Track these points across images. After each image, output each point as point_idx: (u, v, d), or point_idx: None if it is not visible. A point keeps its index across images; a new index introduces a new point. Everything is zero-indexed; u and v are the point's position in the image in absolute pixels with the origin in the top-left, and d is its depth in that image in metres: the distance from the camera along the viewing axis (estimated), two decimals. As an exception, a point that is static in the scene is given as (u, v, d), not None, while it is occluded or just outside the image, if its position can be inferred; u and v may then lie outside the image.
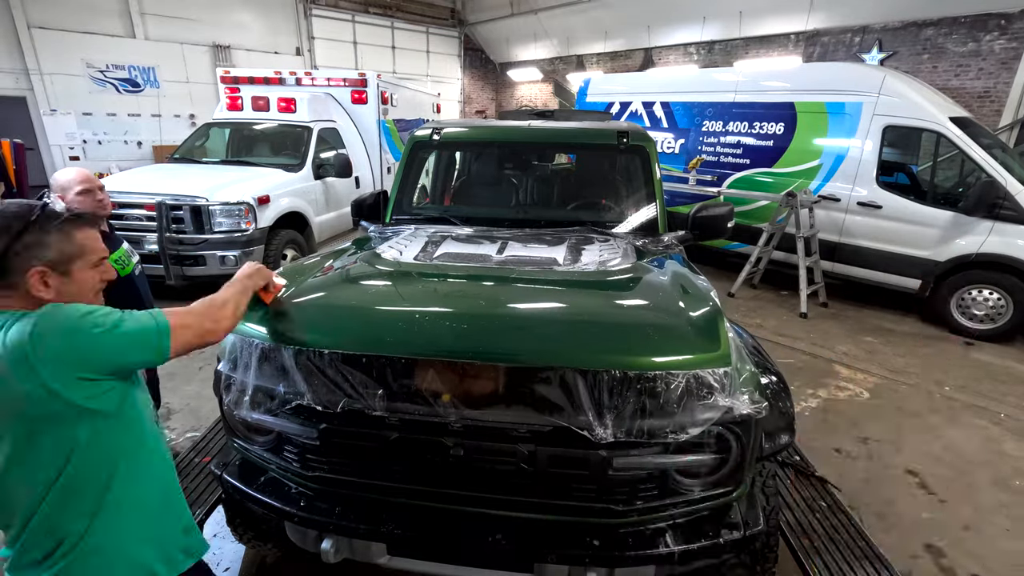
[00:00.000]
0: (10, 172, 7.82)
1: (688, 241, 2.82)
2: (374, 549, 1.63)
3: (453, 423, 1.47)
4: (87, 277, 1.19)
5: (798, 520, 2.26)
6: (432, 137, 3.20)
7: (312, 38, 13.78)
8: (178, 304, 1.34)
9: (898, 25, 8.69)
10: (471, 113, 17.37)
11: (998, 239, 4.88)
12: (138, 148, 11.34)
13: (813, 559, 2.03)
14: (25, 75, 10.09)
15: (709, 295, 1.82)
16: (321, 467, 1.61)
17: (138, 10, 11.06)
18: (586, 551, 1.49)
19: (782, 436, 1.71)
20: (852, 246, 5.83)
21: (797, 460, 2.72)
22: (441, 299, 1.88)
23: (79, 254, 1.16)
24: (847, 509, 2.36)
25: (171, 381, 3.97)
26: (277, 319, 1.64)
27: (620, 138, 3.01)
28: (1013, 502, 2.88)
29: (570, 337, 1.56)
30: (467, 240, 2.49)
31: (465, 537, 1.55)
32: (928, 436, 3.48)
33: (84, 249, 1.18)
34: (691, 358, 1.45)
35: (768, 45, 10.57)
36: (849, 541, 2.15)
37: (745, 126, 6.64)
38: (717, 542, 1.52)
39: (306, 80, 7.87)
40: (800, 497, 2.43)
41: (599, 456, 1.42)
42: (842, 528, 2.23)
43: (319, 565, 1.70)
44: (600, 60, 14.10)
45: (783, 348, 4.82)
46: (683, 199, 6.96)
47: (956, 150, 5.16)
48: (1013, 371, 4.51)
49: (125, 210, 5.06)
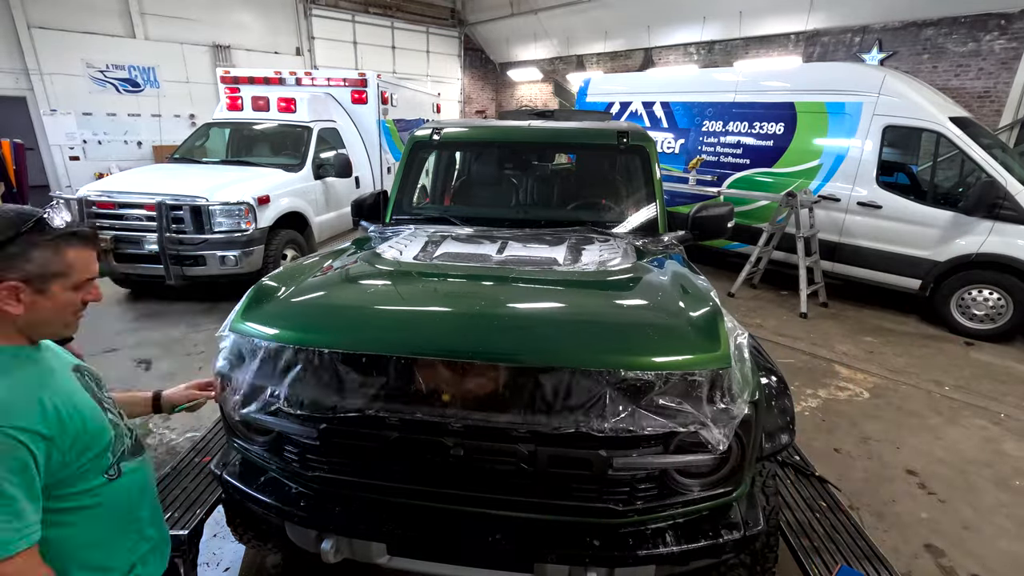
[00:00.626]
0: (10, 172, 7.83)
1: (688, 241, 2.82)
2: (374, 549, 1.63)
3: (453, 423, 1.47)
4: (67, 299, 1.09)
5: (798, 520, 2.26)
6: (432, 137, 3.19)
7: (312, 38, 13.78)
8: (175, 305, 1.33)
9: (898, 25, 8.69)
10: (471, 113, 17.37)
11: (998, 239, 4.88)
12: (138, 148, 11.35)
13: (813, 559, 2.03)
14: (25, 75, 10.09)
15: (709, 295, 1.82)
16: (321, 467, 1.61)
17: (138, 10, 11.06)
18: (586, 551, 1.48)
19: (782, 436, 1.71)
20: (852, 246, 5.83)
21: (797, 460, 2.71)
22: (441, 299, 1.88)
23: (64, 273, 1.07)
24: (847, 509, 2.36)
25: (171, 381, 3.98)
26: (277, 319, 1.64)
27: (620, 138, 3.01)
28: (1013, 502, 2.88)
29: (570, 337, 1.56)
30: (467, 240, 2.49)
31: (465, 537, 1.55)
32: (928, 436, 3.48)
33: (72, 269, 1.08)
34: (691, 358, 1.45)
35: (768, 45, 10.57)
36: (849, 541, 2.15)
37: (745, 126, 6.64)
38: (717, 542, 1.52)
39: (306, 80, 7.87)
40: (800, 497, 2.43)
41: (599, 456, 1.42)
42: (842, 528, 2.23)
43: (319, 565, 1.70)
44: (600, 60, 14.10)
45: (783, 348, 4.82)
46: (683, 199, 6.96)
47: (956, 150, 5.17)
48: (1013, 371, 4.51)
49: (125, 210, 5.06)
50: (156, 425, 3.40)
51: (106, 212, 5.08)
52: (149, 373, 4.09)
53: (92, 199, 5.07)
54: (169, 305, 5.47)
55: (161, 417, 3.48)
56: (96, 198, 5.08)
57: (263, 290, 1.84)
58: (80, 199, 5.05)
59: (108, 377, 4.09)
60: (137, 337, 4.75)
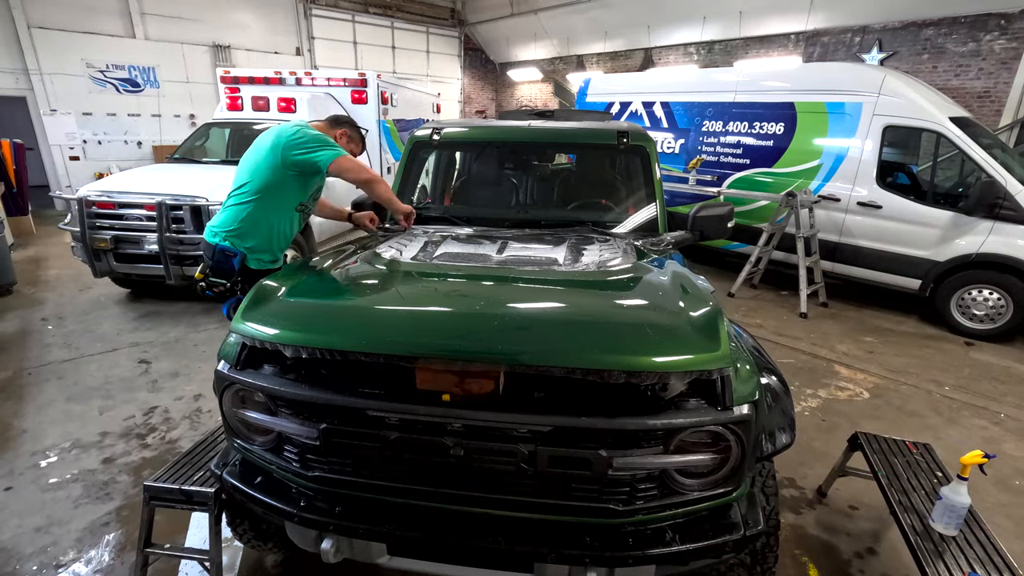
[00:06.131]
0: (10, 172, 7.84)
1: (688, 241, 2.82)
2: (374, 549, 1.63)
3: (453, 423, 1.47)
4: None
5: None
6: (432, 137, 3.19)
7: (312, 38, 13.78)
8: (175, 305, 1.33)
9: (898, 25, 8.70)
10: (471, 113, 17.37)
11: (998, 239, 4.88)
12: (138, 148, 11.35)
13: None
14: (25, 75, 10.09)
15: (709, 295, 1.82)
16: (321, 467, 1.61)
17: (138, 10, 11.07)
18: (586, 551, 1.48)
19: (782, 436, 1.71)
20: (852, 246, 5.83)
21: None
22: (441, 299, 1.88)
23: None
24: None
25: (172, 380, 3.98)
26: (277, 318, 1.64)
27: (620, 138, 3.01)
28: (1013, 502, 2.88)
29: (570, 337, 1.56)
30: (467, 240, 2.49)
31: (465, 537, 1.55)
32: (928, 436, 3.48)
33: None
34: (691, 358, 1.45)
35: (768, 45, 10.58)
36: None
37: (745, 126, 6.64)
38: (717, 542, 1.52)
39: (306, 80, 7.88)
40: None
41: (599, 456, 1.42)
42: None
43: (319, 565, 1.70)
44: (600, 60, 14.10)
45: (783, 348, 4.82)
46: (683, 199, 6.97)
47: (956, 150, 5.17)
48: (1013, 371, 4.51)
49: (125, 210, 5.06)
50: (157, 425, 3.41)
51: (106, 212, 5.08)
52: (149, 373, 4.09)
53: (92, 199, 5.07)
54: (169, 305, 5.47)
55: (164, 417, 3.49)
56: (96, 198, 5.08)
57: (264, 290, 1.84)
58: (80, 199, 5.05)
59: (108, 377, 4.08)
60: (137, 337, 4.75)
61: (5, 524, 2.54)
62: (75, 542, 2.45)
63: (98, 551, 2.40)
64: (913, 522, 1.97)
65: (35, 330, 4.89)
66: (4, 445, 3.17)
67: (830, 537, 2.56)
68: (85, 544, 2.44)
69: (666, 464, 1.48)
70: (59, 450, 3.13)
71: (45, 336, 4.76)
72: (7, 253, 5.88)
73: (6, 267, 5.81)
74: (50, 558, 2.35)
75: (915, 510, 2.03)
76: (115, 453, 3.12)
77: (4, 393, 3.76)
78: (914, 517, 1.99)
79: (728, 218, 2.89)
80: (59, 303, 5.58)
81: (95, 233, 5.07)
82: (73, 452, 3.12)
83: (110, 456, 3.09)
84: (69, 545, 2.43)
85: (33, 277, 6.43)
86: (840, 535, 2.58)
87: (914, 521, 1.97)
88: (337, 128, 2.70)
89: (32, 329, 4.90)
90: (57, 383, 3.92)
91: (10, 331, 4.85)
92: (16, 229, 8.10)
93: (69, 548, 2.41)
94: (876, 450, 2.44)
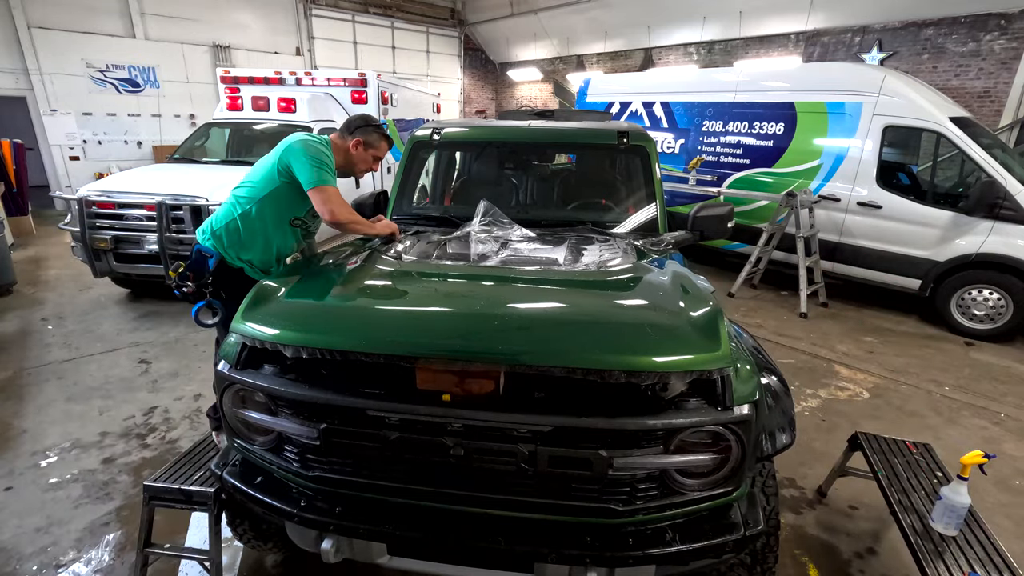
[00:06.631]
0: (10, 172, 7.84)
1: (688, 241, 2.82)
2: (374, 549, 1.63)
3: (453, 423, 1.47)
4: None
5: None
6: (432, 137, 3.19)
7: (312, 38, 13.78)
8: (175, 305, 1.33)
9: (898, 25, 8.70)
10: (471, 113, 17.37)
11: (998, 239, 4.88)
12: (138, 148, 11.35)
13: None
14: (25, 75, 10.09)
15: (709, 295, 1.82)
16: (321, 467, 1.61)
17: (138, 10, 11.06)
18: (586, 551, 1.48)
19: (782, 436, 1.71)
20: (852, 246, 5.83)
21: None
22: (441, 298, 1.88)
23: None
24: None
25: (172, 380, 3.98)
26: (278, 318, 1.64)
27: (620, 138, 3.01)
28: (1013, 502, 2.88)
29: (570, 337, 1.56)
30: (467, 240, 2.49)
31: (465, 537, 1.55)
32: (928, 436, 3.48)
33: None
34: (691, 358, 1.45)
35: (768, 45, 10.57)
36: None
37: (745, 126, 6.64)
38: (717, 542, 1.52)
39: (306, 80, 7.87)
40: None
41: (599, 456, 1.42)
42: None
43: (319, 565, 1.70)
44: (600, 60, 14.10)
45: (783, 348, 4.82)
46: (683, 199, 6.97)
47: (956, 150, 5.17)
48: (1013, 371, 4.51)
49: (125, 210, 5.06)
50: (157, 425, 3.41)
51: (106, 212, 5.08)
52: (149, 373, 4.09)
53: (92, 199, 5.07)
54: (169, 305, 5.47)
55: (164, 417, 3.49)
56: (96, 198, 5.08)
57: (264, 290, 1.84)
58: (80, 199, 5.05)
59: (108, 377, 4.07)
60: (137, 337, 4.75)
61: (5, 524, 2.54)
62: (75, 542, 2.45)
63: (98, 551, 2.40)
64: (913, 522, 1.97)
65: (35, 330, 4.89)
66: (4, 445, 3.17)
67: (830, 537, 2.57)
68: (85, 544, 2.44)
69: (666, 464, 1.48)
70: (59, 450, 3.13)
71: (45, 336, 4.76)
72: (7, 253, 5.88)
73: (6, 267, 5.81)
74: (50, 558, 2.36)
75: (915, 510, 2.03)
76: (115, 453, 3.12)
77: (4, 393, 3.76)
78: (914, 517, 2.00)
79: (728, 218, 2.89)
80: (59, 303, 5.58)
81: (95, 233, 5.07)
82: (73, 452, 3.12)
83: (110, 456, 3.09)
84: (69, 545, 2.43)
85: (33, 277, 6.43)
86: (840, 535, 2.58)
87: (914, 521, 1.98)
88: (349, 137, 2.52)
89: (32, 329, 4.91)
90: (57, 383, 3.92)
91: (10, 331, 4.85)
92: (16, 229, 8.10)
93: (69, 548, 2.41)
94: (876, 450, 2.44)
